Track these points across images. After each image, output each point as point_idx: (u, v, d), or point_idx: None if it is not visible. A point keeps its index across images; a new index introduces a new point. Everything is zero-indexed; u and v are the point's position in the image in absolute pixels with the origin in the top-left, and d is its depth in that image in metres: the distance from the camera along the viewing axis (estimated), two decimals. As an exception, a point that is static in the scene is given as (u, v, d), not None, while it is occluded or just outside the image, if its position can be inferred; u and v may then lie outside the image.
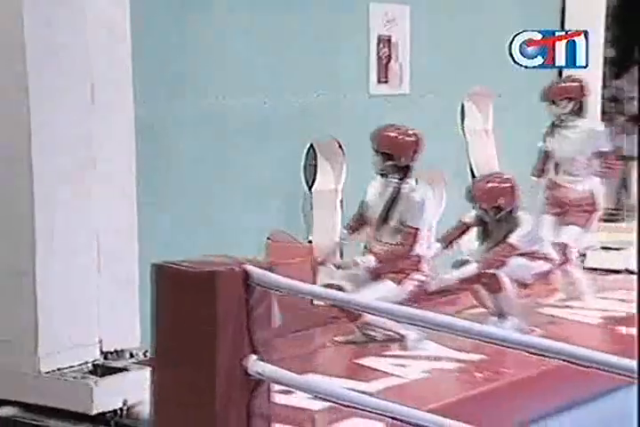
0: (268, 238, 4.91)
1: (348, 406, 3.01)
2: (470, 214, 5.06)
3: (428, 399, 3.71)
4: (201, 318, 2.86)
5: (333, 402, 3.04)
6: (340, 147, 5.19)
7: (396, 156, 4.64)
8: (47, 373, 3.66)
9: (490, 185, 4.92)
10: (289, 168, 5.00)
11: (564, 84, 5.57)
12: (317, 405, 3.61)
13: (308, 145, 5.15)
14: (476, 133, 6.25)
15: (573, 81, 5.54)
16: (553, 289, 5.70)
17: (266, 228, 4.85)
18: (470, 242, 5.12)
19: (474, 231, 5.09)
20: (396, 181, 4.66)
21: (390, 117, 5.17)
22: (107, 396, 3.55)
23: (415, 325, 3.10)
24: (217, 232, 4.52)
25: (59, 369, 3.69)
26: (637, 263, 5.16)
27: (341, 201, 5.20)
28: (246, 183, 4.75)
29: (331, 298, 2.91)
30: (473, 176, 6.04)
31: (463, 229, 5.07)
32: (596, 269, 6.20)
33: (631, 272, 5.94)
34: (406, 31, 5.53)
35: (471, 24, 5.89)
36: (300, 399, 3.58)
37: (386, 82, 5.51)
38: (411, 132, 4.71)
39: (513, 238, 4.87)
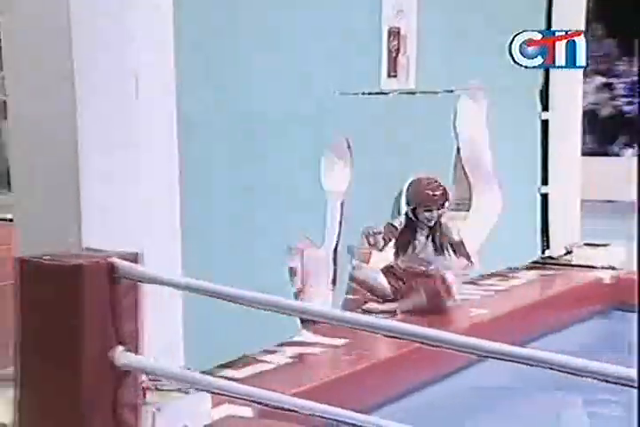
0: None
1: (217, 394, 3.07)
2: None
3: (294, 384, 3.81)
4: (66, 312, 2.86)
5: (202, 390, 3.10)
6: (349, 147, 5.00)
7: None
8: None
9: (440, 187, 5.07)
10: (311, 167, 4.85)
11: None
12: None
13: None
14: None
15: None
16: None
17: (293, 229, 4.71)
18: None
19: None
20: None
21: (396, 113, 5.16)
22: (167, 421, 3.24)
23: (290, 315, 3.20)
24: (248, 232, 4.37)
25: None
26: (637, 262, 5.24)
27: (342, 203, 5.06)
28: (273, 182, 4.56)
29: (204, 290, 2.94)
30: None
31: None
32: (581, 266, 6.31)
33: (615, 269, 6.08)
34: (413, 24, 5.38)
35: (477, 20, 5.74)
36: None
37: (395, 76, 5.34)
38: None
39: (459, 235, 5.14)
